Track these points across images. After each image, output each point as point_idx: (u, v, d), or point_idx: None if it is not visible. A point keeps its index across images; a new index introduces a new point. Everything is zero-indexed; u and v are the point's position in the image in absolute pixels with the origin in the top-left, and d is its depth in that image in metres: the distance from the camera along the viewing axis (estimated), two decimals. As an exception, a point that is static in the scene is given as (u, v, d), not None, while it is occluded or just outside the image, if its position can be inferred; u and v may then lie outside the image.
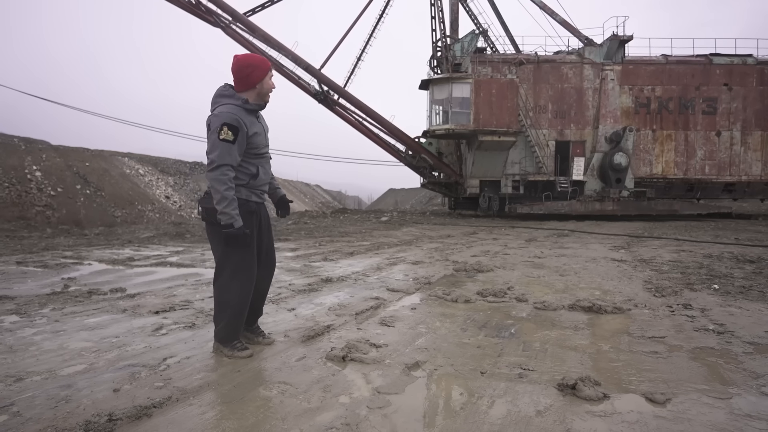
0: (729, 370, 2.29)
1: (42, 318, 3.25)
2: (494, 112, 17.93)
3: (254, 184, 2.50)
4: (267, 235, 2.67)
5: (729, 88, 18.53)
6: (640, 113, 18.74)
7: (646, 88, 18.74)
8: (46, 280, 4.75)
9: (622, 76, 18.69)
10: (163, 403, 1.89)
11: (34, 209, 18.88)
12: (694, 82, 18.63)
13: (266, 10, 20.75)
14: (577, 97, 18.74)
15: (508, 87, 18.18)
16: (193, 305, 3.64)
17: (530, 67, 18.66)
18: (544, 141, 18.53)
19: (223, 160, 2.29)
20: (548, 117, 18.72)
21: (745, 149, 18.69)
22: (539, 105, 18.69)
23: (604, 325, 3.12)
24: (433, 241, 9.27)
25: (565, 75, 18.77)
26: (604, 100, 18.61)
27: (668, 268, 5.49)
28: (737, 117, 18.61)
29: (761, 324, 3.08)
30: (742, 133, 18.65)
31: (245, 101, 2.42)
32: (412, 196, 46.33)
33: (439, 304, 3.74)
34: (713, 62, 18.62)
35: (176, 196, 28.37)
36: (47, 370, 2.27)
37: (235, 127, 2.31)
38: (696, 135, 18.72)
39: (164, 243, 8.70)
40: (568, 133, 18.81)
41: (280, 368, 2.33)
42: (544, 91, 18.73)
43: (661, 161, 18.82)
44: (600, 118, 18.60)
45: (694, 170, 18.77)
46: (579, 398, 1.95)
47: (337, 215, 19.96)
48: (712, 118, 18.66)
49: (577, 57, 18.95)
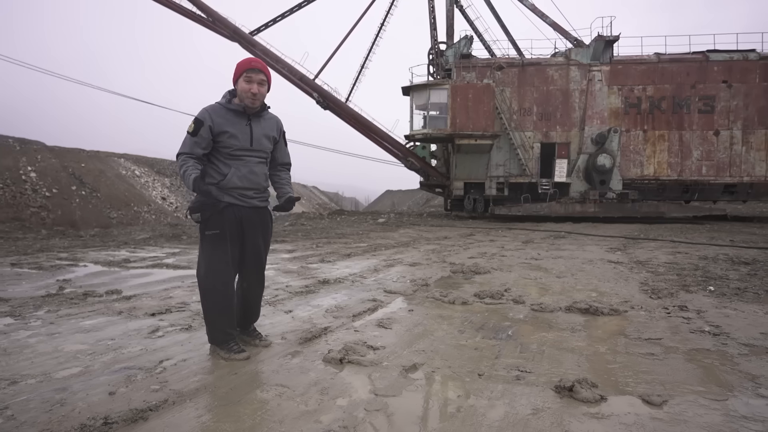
0: (725, 371, 2.30)
1: (37, 320, 3.22)
2: (470, 116, 18.31)
3: (225, 185, 2.47)
4: (253, 240, 2.59)
5: (728, 85, 17.99)
6: (630, 114, 18.51)
7: (637, 88, 18.48)
8: (40, 281, 4.72)
9: (611, 76, 18.54)
10: (159, 406, 1.88)
11: (28, 210, 18.77)
12: (689, 80, 18.26)
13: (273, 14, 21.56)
14: (563, 99, 18.76)
15: (484, 91, 18.46)
16: (189, 307, 3.62)
17: (515, 70, 18.90)
18: (528, 143, 18.76)
19: (182, 149, 2.45)
20: (533, 119, 18.94)
21: (747, 149, 18.01)
22: (524, 108, 18.94)
23: (600, 326, 3.13)
24: (430, 242, 9.27)
25: (551, 77, 18.84)
26: (590, 101, 18.54)
27: (664, 270, 5.51)
28: (738, 115, 18.00)
29: (756, 326, 3.09)
30: (743, 131, 17.99)
31: (228, 101, 2.51)
32: (410, 197, 46.37)
33: (437, 306, 3.74)
34: (710, 59, 18.18)
35: (172, 197, 28.27)
36: (42, 373, 2.25)
37: (199, 120, 2.43)
38: (692, 135, 18.33)
39: (160, 244, 8.67)
40: (554, 135, 18.88)
41: (277, 371, 2.32)
42: (529, 94, 18.93)
43: (653, 162, 18.54)
44: (586, 119, 18.54)
45: (689, 171, 18.37)
46: (576, 400, 1.95)
47: (335, 217, 19.95)
48: (709, 117, 18.21)
49: (564, 59, 18.91)
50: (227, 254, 2.48)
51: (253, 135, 2.53)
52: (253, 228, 2.60)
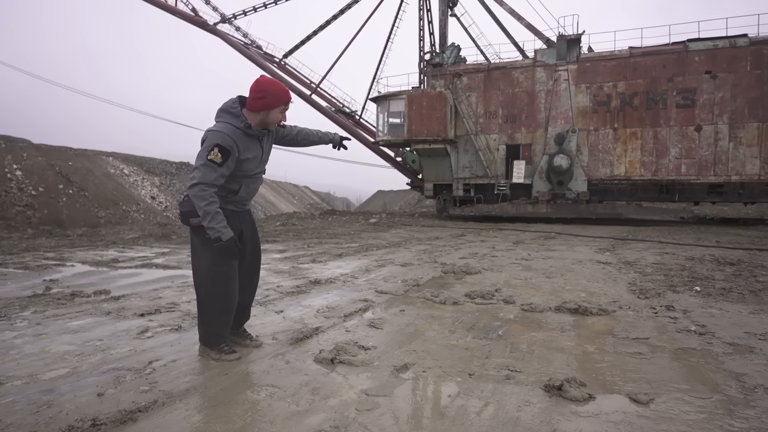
0: (710, 370, 2.34)
1: (23, 321, 3.17)
2: (424, 122, 19.05)
3: (233, 198, 2.49)
4: (252, 242, 2.64)
5: (712, 76, 16.24)
6: (598, 112, 17.72)
7: (607, 85, 17.58)
8: (26, 282, 4.65)
9: (578, 75, 17.95)
10: (148, 407, 1.86)
11: (14, 209, 18.44)
12: (665, 73, 16.76)
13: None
14: (528, 101, 18.78)
15: (437, 99, 19.10)
16: (179, 307, 3.60)
17: (481, 75, 19.36)
18: (494, 145, 19.21)
19: (203, 179, 2.25)
20: (498, 122, 19.25)
21: (736, 144, 16.11)
22: (489, 111, 19.33)
23: (589, 326, 3.17)
24: (422, 243, 9.30)
25: (516, 80, 18.94)
26: (555, 101, 18.25)
27: (652, 271, 5.59)
28: (724, 108, 16.19)
29: (741, 325, 3.15)
30: (730, 126, 16.13)
31: (248, 126, 2.37)
32: (401, 197, 46.39)
33: (428, 306, 3.75)
34: (690, 49, 16.50)
35: (162, 196, 27.98)
36: (28, 374, 2.22)
37: (227, 150, 2.27)
38: (669, 131, 16.78)
39: (150, 244, 8.58)
40: (519, 136, 19.03)
41: (268, 371, 2.31)
42: (495, 97, 19.26)
43: (624, 161, 17.44)
44: (550, 120, 18.33)
45: (666, 170, 16.84)
46: (565, 399, 1.98)
47: (326, 217, 19.90)
48: (689, 111, 16.54)
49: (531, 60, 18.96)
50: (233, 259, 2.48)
51: (264, 154, 2.55)
52: (250, 230, 2.63)
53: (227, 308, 2.48)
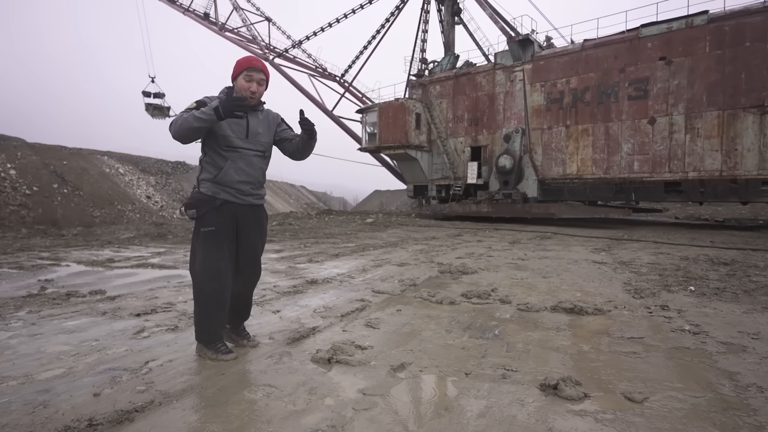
0: (704, 369, 2.37)
1: (18, 321, 3.16)
2: (390, 130, 20.66)
3: (221, 179, 2.44)
4: (248, 238, 2.58)
5: (667, 62, 14.62)
6: (551, 110, 17.06)
7: (560, 82, 16.85)
8: (21, 281, 4.62)
9: (533, 74, 17.55)
10: (145, 407, 1.86)
11: (8, 208, 18.31)
12: (617, 64, 15.52)
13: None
14: (489, 103, 19.13)
15: (400, 109, 20.54)
16: (175, 307, 3.59)
17: (450, 82, 20.32)
18: (460, 148, 20.12)
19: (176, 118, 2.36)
20: (464, 125, 19.99)
21: (693, 137, 14.27)
22: (457, 115, 20.23)
23: (585, 326, 3.19)
24: (418, 242, 9.31)
25: (479, 84, 19.41)
26: (509, 102, 18.41)
27: (647, 270, 5.63)
28: (680, 97, 14.44)
29: (734, 324, 3.18)
30: (686, 116, 14.34)
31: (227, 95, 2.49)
32: (398, 197, 46.40)
33: (424, 305, 3.76)
34: (642, 36, 15.04)
35: (158, 195, 27.85)
36: (24, 374, 2.21)
37: (201, 101, 2.41)
38: (620, 126, 15.52)
39: (145, 244, 8.54)
40: (481, 138, 19.53)
41: (265, 371, 2.31)
42: (461, 102, 20.05)
43: (575, 160, 16.54)
44: (504, 120, 18.55)
45: (618, 168, 15.56)
46: (560, 398, 1.99)
47: (323, 216, 19.88)
48: (642, 102, 15.09)
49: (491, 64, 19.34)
50: (224, 252, 2.46)
51: (249, 128, 2.52)
52: (249, 226, 2.57)
53: (217, 301, 2.46)
